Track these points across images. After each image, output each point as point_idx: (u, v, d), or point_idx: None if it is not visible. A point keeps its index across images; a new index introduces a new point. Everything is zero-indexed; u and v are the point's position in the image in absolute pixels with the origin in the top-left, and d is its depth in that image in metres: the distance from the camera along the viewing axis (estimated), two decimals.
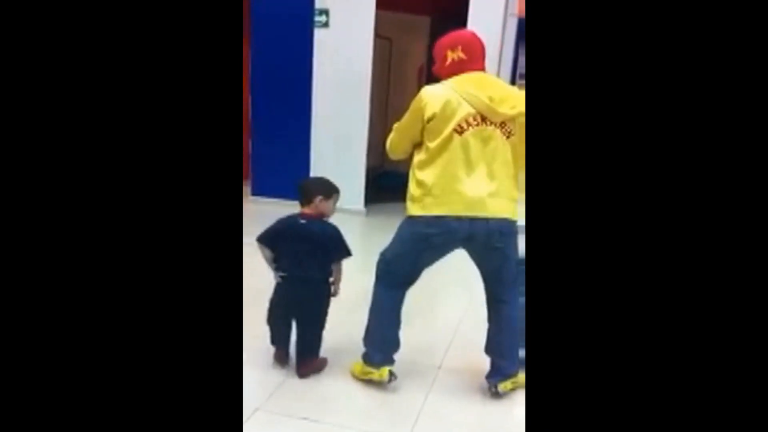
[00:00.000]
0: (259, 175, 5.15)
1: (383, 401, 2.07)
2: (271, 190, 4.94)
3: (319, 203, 2.11)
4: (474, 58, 1.96)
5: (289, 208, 2.19)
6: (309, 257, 2.09)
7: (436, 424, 1.95)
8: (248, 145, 5.19)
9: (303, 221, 2.11)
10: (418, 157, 1.99)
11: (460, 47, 1.95)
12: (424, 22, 6.08)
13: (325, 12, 4.66)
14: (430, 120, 1.90)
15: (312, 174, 4.69)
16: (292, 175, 2.25)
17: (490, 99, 1.87)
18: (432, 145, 1.92)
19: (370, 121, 4.88)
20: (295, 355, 2.21)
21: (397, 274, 2.07)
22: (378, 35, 4.84)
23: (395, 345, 2.14)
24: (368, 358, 2.12)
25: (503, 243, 1.93)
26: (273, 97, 4.99)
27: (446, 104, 1.88)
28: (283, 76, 4.92)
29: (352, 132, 4.85)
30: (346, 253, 2.14)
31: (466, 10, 4.35)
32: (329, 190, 2.15)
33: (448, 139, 1.89)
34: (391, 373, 2.09)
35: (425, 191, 1.93)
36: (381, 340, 2.12)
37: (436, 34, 3.19)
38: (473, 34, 2.03)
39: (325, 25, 4.69)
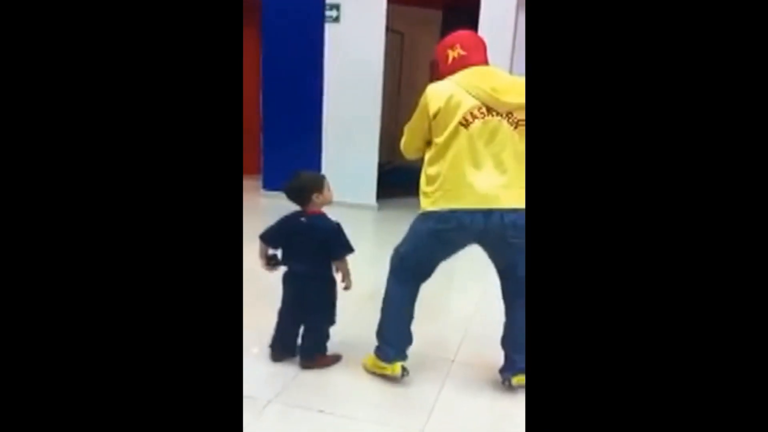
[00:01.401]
0: (271, 169, 5.17)
1: (397, 394, 2.08)
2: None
3: (316, 199, 2.11)
4: (474, 53, 1.99)
5: None
6: (312, 254, 2.10)
7: (450, 417, 1.95)
8: (260, 140, 5.22)
9: (304, 219, 2.12)
10: (428, 153, 2.00)
11: (458, 45, 1.99)
12: (435, 16, 6.07)
13: (336, 7, 4.66)
14: (435, 115, 1.91)
15: (324, 169, 4.70)
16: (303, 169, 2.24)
17: (493, 89, 1.88)
18: (439, 140, 1.92)
19: (382, 115, 4.88)
20: (299, 350, 2.21)
21: (410, 269, 2.07)
22: (389, 29, 4.83)
23: (408, 340, 2.14)
24: (381, 353, 2.13)
25: (518, 238, 1.90)
26: (284, 92, 5.00)
27: (450, 98, 1.89)
28: (294, 71, 4.93)
29: (363, 127, 4.85)
30: (348, 249, 2.13)
31: (477, 4, 4.33)
32: (317, 182, 2.13)
33: (455, 133, 1.89)
34: (403, 369, 2.10)
35: (436, 186, 1.93)
36: (394, 335, 2.12)
37: (447, 28, 3.17)
38: (470, 31, 2.08)
39: (336, 19, 4.69)
